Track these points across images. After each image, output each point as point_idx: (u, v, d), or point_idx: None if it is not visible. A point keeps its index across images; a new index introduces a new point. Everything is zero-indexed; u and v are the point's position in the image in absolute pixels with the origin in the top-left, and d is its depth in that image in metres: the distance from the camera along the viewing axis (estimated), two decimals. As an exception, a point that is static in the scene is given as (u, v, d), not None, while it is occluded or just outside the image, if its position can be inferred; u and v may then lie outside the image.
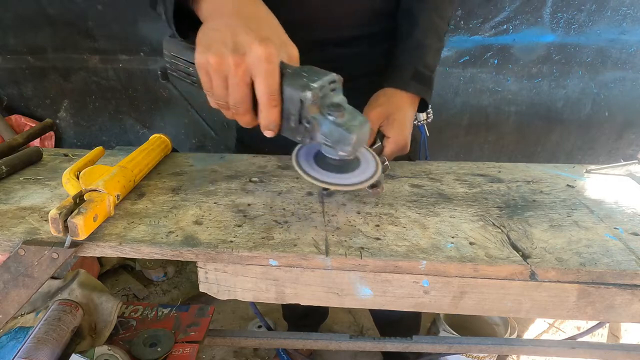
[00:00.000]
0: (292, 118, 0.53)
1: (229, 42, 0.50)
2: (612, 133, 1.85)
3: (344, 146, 0.52)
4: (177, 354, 0.86)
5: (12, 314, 0.57)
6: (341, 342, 0.97)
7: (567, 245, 0.57)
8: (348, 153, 0.54)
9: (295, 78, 0.51)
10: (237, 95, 0.52)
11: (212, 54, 0.50)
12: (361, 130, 0.52)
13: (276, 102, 0.52)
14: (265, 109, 0.52)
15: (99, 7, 1.65)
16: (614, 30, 1.64)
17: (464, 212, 0.65)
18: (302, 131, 0.53)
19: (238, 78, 0.51)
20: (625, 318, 0.56)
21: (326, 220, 0.62)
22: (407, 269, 0.54)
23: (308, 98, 0.50)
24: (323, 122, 0.51)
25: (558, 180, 0.78)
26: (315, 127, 0.52)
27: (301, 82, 0.50)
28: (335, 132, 0.51)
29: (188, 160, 0.84)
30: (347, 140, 0.52)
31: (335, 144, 0.52)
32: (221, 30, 0.51)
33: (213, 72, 0.51)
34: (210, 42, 0.51)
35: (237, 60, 0.49)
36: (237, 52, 0.49)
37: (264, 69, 0.49)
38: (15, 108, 1.88)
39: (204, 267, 0.57)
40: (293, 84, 0.51)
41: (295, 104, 0.51)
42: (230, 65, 0.50)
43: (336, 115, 0.51)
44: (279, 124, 0.54)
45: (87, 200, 0.55)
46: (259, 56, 0.49)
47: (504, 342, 1.04)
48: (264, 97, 0.51)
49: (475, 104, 1.80)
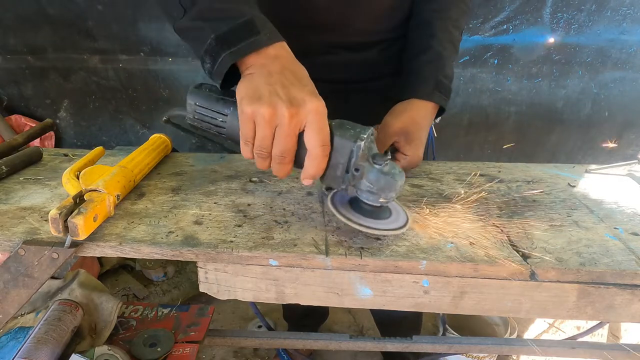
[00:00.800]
0: (340, 167, 0.56)
1: (283, 95, 0.52)
2: (612, 133, 1.85)
3: (388, 192, 0.56)
4: (177, 354, 0.86)
5: (12, 314, 0.57)
6: (341, 342, 0.97)
7: (567, 245, 0.57)
8: (390, 199, 0.57)
9: (343, 129, 0.55)
10: (286, 146, 0.54)
11: (265, 104, 0.52)
12: (402, 177, 0.56)
13: (327, 152, 0.54)
14: (316, 159, 0.54)
15: (99, 7, 1.65)
16: (614, 30, 1.64)
17: (464, 212, 0.65)
18: (348, 179, 0.56)
19: (291, 129, 0.53)
20: (625, 318, 0.56)
21: (326, 220, 0.62)
22: (407, 269, 0.54)
23: (360, 148, 0.54)
24: (371, 170, 0.55)
25: (558, 180, 0.78)
26: (364, 174, 0.55)
27: (351, 134, 0.54)
28: (382, 179, 0.55)
29: (188, 160, 0.84)
30: (393, 187, 0.55)
31: (380, 190, 0.55)
32: (272, 84, 0.53)
33: (263, 122, 0.53)
34: (262, 94, 0.53)
35: (293, 112, 0.52)
36: (292, 104, 0.52)
37: (318, 121, 0.52)
38: (15, 108, 1.88)
39: (204, 267, 0.57)
40: (344, 135, 0.54)
41: (345, 154, 0.55)
42: (285, 116, 0.52)
43: (382, 164, 0.54)
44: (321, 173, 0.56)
45: (87, 200, 0.55)
46: (313, 109, 0.52)
47: (504, 342, 1.04)
48: (317, 148, 0.53)
49: (475, 104, 1.80)
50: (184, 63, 1.75)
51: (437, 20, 0.83)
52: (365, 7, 0.83)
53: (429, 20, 0.83)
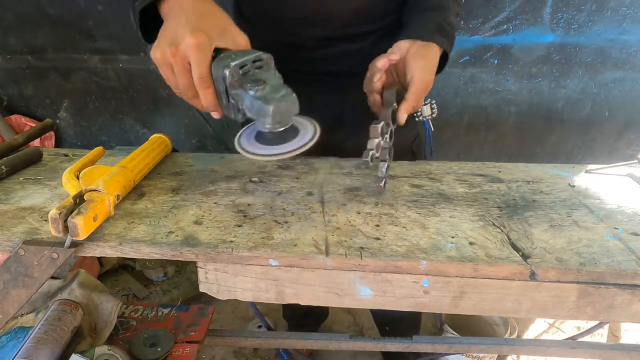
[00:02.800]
0: (222, 97, 0.58)
1: (169, 36, 0.57)
2: (612, 133, 1.85)
3: (264, 118, 0.55)
4: (177, 354, 0.86)
5: (12, 314, 0.57)
6: (341, 342, 0.97)
7: (567, 245, 0.57)
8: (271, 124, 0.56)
9: (221, 60, 0.56)
10: (182, 81, 0.58)
11: (157, 48, 0.58)
12: (281, 102, 0.55)
13: (207, 84, 0.57)
14: (200, 91, 0.58)
15: (99, 7, 1.65)
16: (614, 30, 1.64)
17: (464, 212, 0.65)
18: (233, 108, 0.58)
19: (179, 66, 0.57)
20: (625, 318, 0.56)
21: (326, 220, 0.62)
22: (407, 269, 0.54)
23: (226, 75, 0.55)
24: (245, 96, 0.56)
25: (558, 180, 0.78)
26: (240, 102, 0.57)
27: (224, 63, 0.55)
28: (255, 105, 0.55)
29: (188, 160, 0.84)
30: (266, 112, 0.55)
31: (256, 116, 0.56)
32: (167, 28, 0.59)
33: (160, 64, 0.59)
34: (158, 40, 0.58)
35: (173, 51, 0.56)
36: (172, 44, 0.56)
37: (194, 56, 0.56)
38: (15, 108, 1.88)
39: (204, 267, 0.57)
40: (217, 66, 0.56)
41: (221, 84, 0.57)
42: (168, 55, 0.56)
43: (255, 89, 0.54)
44: (216, 104, 0.59)
45: (87, 200, 0.55)
46: (189, 45, 0.55)
47: (504, 342, 1.04)
48: (196, 80, 0.57)
49: (475, 104, 1.80)
50: (184, 63, 1.75)
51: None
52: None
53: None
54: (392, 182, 0.75)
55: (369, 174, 0.78)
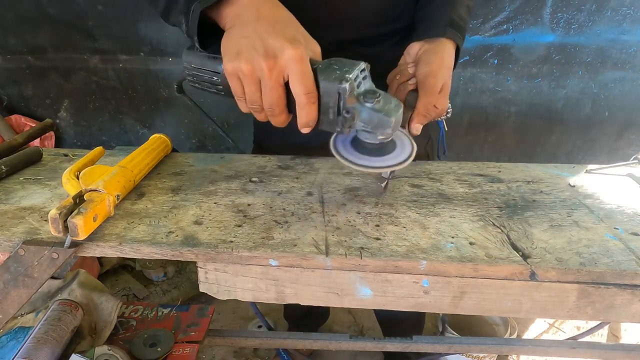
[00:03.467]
0: (330, 111, 0.54)
1: (259, 47, 0.51)
2: (612, 133, 1.85)
3: (384, 130, 0.54)
4: (177, 354, 0.86)
5: (12, 314, 0.57)
6: (341, 342, 0.97)
7: (567, 245, 0.57)
8: (388, 136, 0.56)
9: (329, 72, 0.53)
10: (273, 98, 0.53)
11: (243, 60, 0.51)
12: (398, 112, 0.54)
13: (314, 99, 0.53)
14: (304, 108, 0.53)
15: (99, 7, 1.65)
16: (614, 30, 1.64)
17: (464, 212, 0.65)
18: (342, 122, 0.55)
19: (273, 81, 0.52)
20: (625, 318, 0.56)
21: (326, 220, 0.62)
22: (407, 269, 0.54)
23: (346, 90, 0.52)
24: (362, 110, 0.53)
25: (558, 180, 0.78)
26: (355, 115, 0.54)
27: (336, 75, 0.52)
28: (374, 117, 0.53)
29: (188, 160, 0.84)
30: (387, 124, 0.54)
31: (375, 129, 0.54)
32: (248, 36, 0.52)
33: (246, 78, 0.52)
34: (240, 49, 0.52)
35: (270, 64, 0.51)
36: (269, 56, 0.50)
37: (298, 69, 0.51)
38: (15, 108, 1.88)
39: (204, 267, 0.57)
40: (328, 78, 0.52)
41: (333, 97, 0.53)
42: (263, 69, 0.51)
43: (373, 101, 0.53)
44: (316, 120, 0.55)
45: (87, 200, 0.55)
46: (291, 57, 0.50)
47: (504, 342, 1.04)
48: (301, 96, 0.52)
49: (475, 104, 1.80)
50: (184, 63, 1.75)
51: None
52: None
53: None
54: (392, 182, 0.75)
55: (368, 174, 0.78)
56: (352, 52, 0.86)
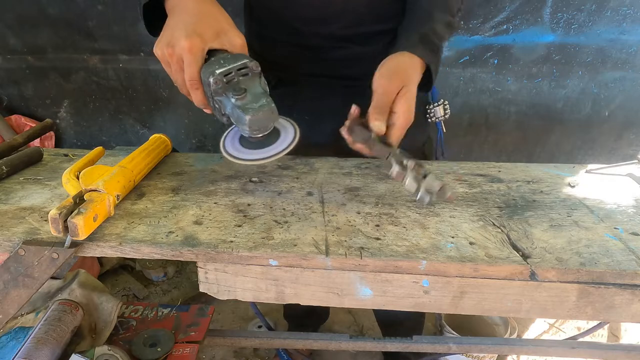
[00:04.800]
0: (209, 100, 0.62)
1: (168, 36, 0.61)
2: (612, 133, 1.85)
3: (242, 125, 0.59)
4: (177, 354, 0.86)
5: (12, 314, 0.57)
6: (341, 342, 0.97)
7: (567, 245, 0.57)
8: (249, 133, 0.60)
9: (209, 65, 0.59)
10: (177, 79, 0.63)
11: (158, 46, 0.62)
12: (258, 112, 0.58)
13: (197, 85, 0.61)
14: (190, 91, 0.63)
15: (99, 7, 1.65)
16: (614, 30, 1.64)
17: (464, 212, 0.65)
18: (217, 111, 0.62)
19: (174, 66, 0.62)
20: (625, 318, 0.56)
21: (326, 220, 0.62)
22: (407, 269, 0.54)
23: (210, 82, 0.58)
24: (227, 103, 0.59)
25: (558, 180, 0.78)
26: (222, 107, 0.60)
27: (210, 69, 0.59)
28: (235, 112, 0.59)
29: (188, 160, 0.84)
30: (243, 120, 0.58)
31: (236, 123, 0.60)
32: (168, 27, 0.63)
33: (161, 61, 0.63)
34: (160, 37, 0.62)
35: (170, 52, 0.61)
36: (169, 46, 0.60)
37: (186, 59, 0.60)
38: (15, 108, 1.88)
39: (204, 267, 0.57)
40: (204, 71, 0.59)
41: (208, 88, 0.60)
42: (165, 55, 0.61)
43: (236, 97, 0.58)
44: (205, 104, 0.63)
45: (87, 200, 0.55)
46: (182, 47, 0.59)
47: (504, 342, 1.04)
48: (187, 82, 0.62)
49: (475, 104, 1.80)
50: (184, 63, 1.75)
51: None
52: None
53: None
54: (392, 181, 0.75)
55: (368, 174, 0.78)
56: (348, 50, 0.87)
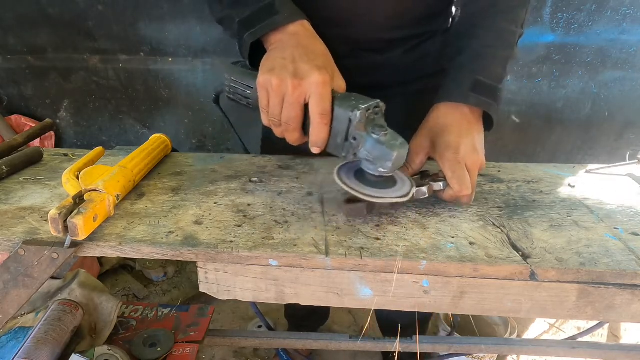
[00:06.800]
0: (339, 135, 0.59)
1: (290, 67, 0.58)
2: (612, 133, 1.85)
3: (384, 162, 0.58)
4: (177, 354, 0.86)
5: (12, 314, 0.57)
6: (341, 342, 0.97)
7: (567, 245, 0.57)
8: (388, 170, 0.58)
9: (345, 101, 0.59)
10: (291, 113, 0.59)
11: (274, 75, 0.58)
12: (401, 149, 0.57)
13: (327, 121, 0.58)
14: (317, 127, 0.59)
15: (99, 7, 1.65)
16: (614, 30, 1.64)
17: (464, 212, 0.65)
18: (347, 147, 0.60)
19: (294, 98, 0.58)
20: (625, 318, 0.56)
21: (326, 220, 0.62)
22: (407, 269, 0.54)
23: (356, 117, 0.57)
24: (368, 139, 0.57)
25: (558, 180, 0.78)
26: (360, 143, 0.58)
27: (350, 104, 0.58)
28: (378, 148, 0.57)
29: (188, 160, 0.84)
30: (388, 157, 0.57)
31: (376, 160, 0.58)
32: (284, 58, 0.60)
33: (272, 91, 0.59)
34: (274, 66, 0.59)
35: (296, 84, 0.57)
36: (296, 77, 0.58)
37: (319, 92, 0.57)
38: (15, 108, 1.88)
39: (204, 267, 0.57)
40: (343, 105, 0.58)
41: (344, 123, 0.58)
42: (288, 86, 0.58)
43: (380, 134, 0.57)
44: (327, 140, 0.60)
45: (87, 201, 0.55)
46: (315, 81, 0.57)
47: (504, 342, 1.04)
48: (317, 116, 0.58)
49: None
50: (184, 63, 1.75)
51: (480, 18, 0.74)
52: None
53: (471, 19, 0.75)
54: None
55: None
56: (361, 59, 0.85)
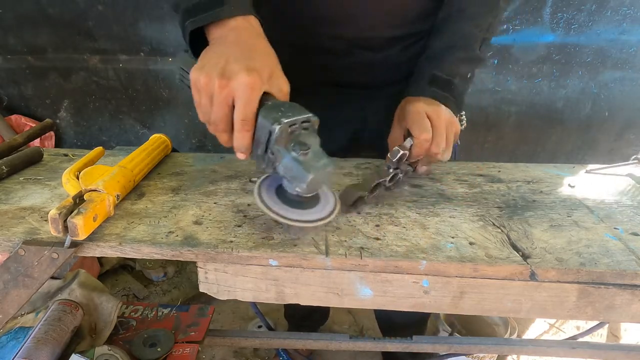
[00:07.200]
0: (260, 146, 0.56)
1: (220, 67, 0.55)
2: (612, 133, 1.85)
3: (299, 183, 0.55)
4: (177, 354, 0.86)
5: (12, 314, 0.57)
6: (341, 342, 0.97)
7: (567, 245, 0.57)
8: (303, 190, 0.55)
9: (271, 111, 0.54)
10: (218, 114, 0.56)
11: (204, 73, 0.55)
12: (320, 172, 0.54)
13: (249, 127, 0.55)
14: (238, 132, 0.56)
15: (99, 7, 1.65)
16: (614, 30, 1.64)
17: (464, 212, 0.65)
18: (267, 160, 0.57)
19: (220, 99, 0.55)
20: (625, 318, 0.56)
21: (326, 220, 0.62)
22: (407, 269, 0.54)
23: (275, 131, 0.53)
24: (286, 155, 0.54)
25: (558, 180, 0.78)
26: (278, 159, 0.55)
27: (274, 116, 0.53)
28: (294, 168, 0.54)
29: (188, 160, 0.84)
30: (303, 178, 0.54)
31: (292, 179, 0.55)
32: (217, 55, 0.57)
33: (201, 91, 0.56)
34: (205, 64, 0.56)
35: (222, 84, 0.54)
36: (223, 77, 0.54)
37: (244, 96, 0.54)
38: (15, 108, 1.88)
39: (203, 267, 0.57)
40: (266, 116, 0.54)
41: (264, 134, 0.55)
42: (215, 86, 0.54)
43: (299, 152, 0.53)
44: (249, 148, 0.57)
45: (87, 200, 0.55)
46: (242, 83, 0.53)
47: (504, 342, 1.04)
48: (238, 121, 0.55)
49: (475, 104, 1.80)
50: (184, 63, 1.75)
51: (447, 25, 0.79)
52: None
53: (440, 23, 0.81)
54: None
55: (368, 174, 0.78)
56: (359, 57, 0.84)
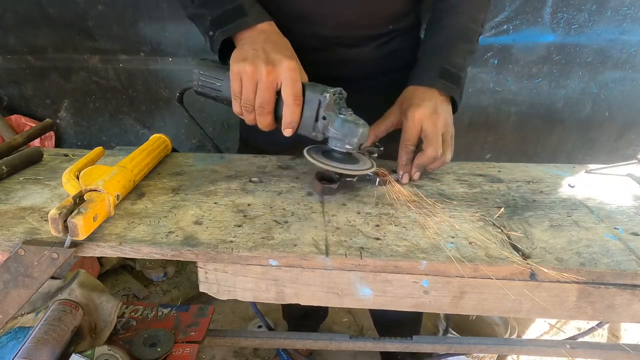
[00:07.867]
0: (310, 116, 0.66)
1: (263, 56, 0.64)
2: (612, 133, 1.85)
3: (351, 138, 0.66)
4: (177, 354, 0.86)
5: (12, 314, 0.57)
6: (341, 342, 0.97)
7: (567, 245, 0.57)
8: (353, 146, 0.66)
9: (313, 86, 0.66)
10: (264, 98, 0.65)
11: (248, 63, 0.64)
12: (364, 127, 0.66)
13: (299, 102, 0.65)
14: (289, 108, 0.65)
15: (100, 7, 1.65)
16: (614, 30, 1.63)
17: (464, 212, 0.65)
18: (317, 127, 0.67)
19: (268, 83, 0.64)
20: (625, 318, 0.56)
21: (326, 220, 0.62)
22: (407, 269, 0.54)
23: (326, 99, 0.64)
24: (336, 118, 0.65)
25: (558, 180, 0.78)
26: (330, 122, 0.66)
27: (319, 88, 0.66)
28: (345, 126, 0.65)
29: (188, 160, 0.84)
30: (355, 133, 0.65)
31: (344, 136, 0.66)
32: (256, 49, 0.66)
33: (247, 78, 0.64)
34: (247, 56, 0.65)
35: (269, 69, 0.63)
36: (269, 63, 0.64)
37: (291, 76, 0.64)
38: (15, 108, 1.88)
39: (204, 267, 0.57)
40: (313, 90, 0.66)
41: (314, 105, 0.66)
42: (262, 72, 0.63)
43: (346, 114, 0.65)
44: (298, 122, 0.66)
45: (87, 200, 0.55)
46: (287, 67, 0.63)
47: (504, 342, 1.04)
48: (290, 97, 0.64)
49: (475, 104, 1.80)
50: (184, 63, 1.75)
51: (447, 18, 0.82)
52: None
53: (439, 18, 0.83)
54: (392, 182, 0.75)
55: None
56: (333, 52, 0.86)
